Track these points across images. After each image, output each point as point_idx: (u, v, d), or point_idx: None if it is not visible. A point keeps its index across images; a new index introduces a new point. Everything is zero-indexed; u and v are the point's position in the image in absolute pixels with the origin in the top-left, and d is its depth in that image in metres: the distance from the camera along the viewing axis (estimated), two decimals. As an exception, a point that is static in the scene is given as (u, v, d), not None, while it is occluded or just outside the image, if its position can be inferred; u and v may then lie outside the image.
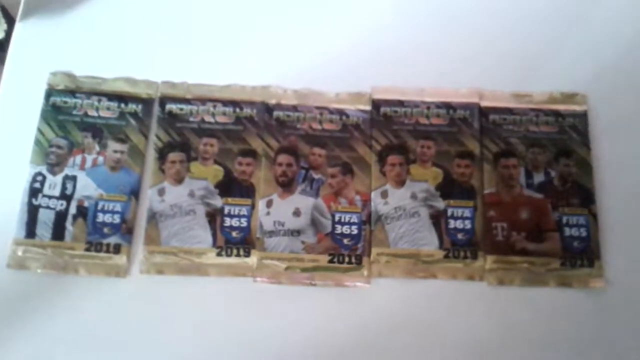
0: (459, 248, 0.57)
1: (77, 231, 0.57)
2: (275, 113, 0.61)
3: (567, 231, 0.58)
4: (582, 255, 0.57)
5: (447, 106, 0.61)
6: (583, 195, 0.59)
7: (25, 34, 0.64)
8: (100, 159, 0.59)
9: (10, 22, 0.67)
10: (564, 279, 0.56)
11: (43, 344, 0.54)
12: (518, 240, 0.57)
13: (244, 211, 0.58)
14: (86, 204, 0.57)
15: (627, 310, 0.56)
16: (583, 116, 0.61)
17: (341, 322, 0.55)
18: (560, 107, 0.62)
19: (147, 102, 0.61)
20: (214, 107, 0.61)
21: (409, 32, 0.65)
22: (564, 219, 0.58)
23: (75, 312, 0.55)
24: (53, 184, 0.58)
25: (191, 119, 0.61)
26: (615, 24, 0.65)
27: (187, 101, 0.61)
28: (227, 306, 0.56)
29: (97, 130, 0.60)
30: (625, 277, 0.57)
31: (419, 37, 0.65)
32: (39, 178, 0.58)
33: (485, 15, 0.66)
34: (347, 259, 0.57)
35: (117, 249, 0.56)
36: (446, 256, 0.57)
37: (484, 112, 0.61)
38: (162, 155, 0.59)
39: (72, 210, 0.57)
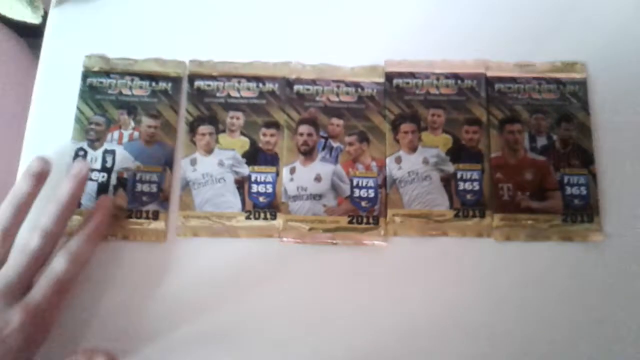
0: (468, 208, 0.62)
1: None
2: (296, 87, 0.65)
3: (568, 190, 0.62)
4: (582, 212, 0.61)
5: (456, 77, 0.65)
6: (583, 156, 0.63)
7: (60, 20, 0.69)
8: (136, 134, 0.64)
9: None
10: (566, 234, 0.61)
11: (94, 308, 0.59)
12: (523, 199, 0.62)
13: (270, 178, 0.63)
14: (125, 175, 0.62)
15: (623, 261, 0.60)
16: (583, 84, 0.65)
17: (361, 276, 0.60)
18: (561, 76, 0.65)
19: (176, 80, 0.66)
20: (239, 82, 0.65)
21: (419, 9, 0.69)
22: (565, 179, 0.62)
23: (122, 274, 0.60)
24: (94, 158, 0.63)
25: (218, 94, 0.65)
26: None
27: (213, 78, 0.66)
28: (257, 264, 0.61)
29: (132, 108, 0.64)
30: (621, 231, 0.61)
31: (428, 13, 0.68)
32: (81, 153, 0.63)
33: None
34: (365, 220, 0.62)
35: (155, 215, 0.62)
36: (456, 215, 0.62)
37: (490, 81, 0.65)
38: (192, 129, 0.64)
39: (113, 181, 0.62)
